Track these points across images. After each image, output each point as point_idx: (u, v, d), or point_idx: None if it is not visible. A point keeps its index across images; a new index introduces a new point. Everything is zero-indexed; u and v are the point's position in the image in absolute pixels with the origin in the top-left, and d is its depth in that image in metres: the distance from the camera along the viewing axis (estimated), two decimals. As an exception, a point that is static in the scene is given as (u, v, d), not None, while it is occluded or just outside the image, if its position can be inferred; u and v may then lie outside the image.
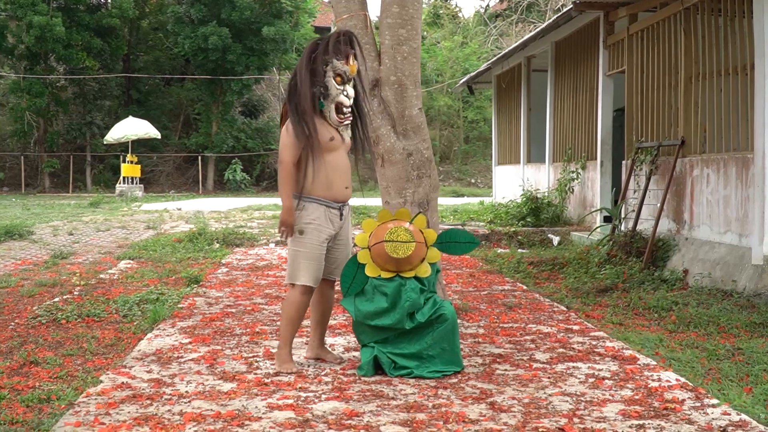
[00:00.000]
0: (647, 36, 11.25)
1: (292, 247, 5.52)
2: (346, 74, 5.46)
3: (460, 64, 39.29)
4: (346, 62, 5.47)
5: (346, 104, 5.49)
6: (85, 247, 13.71)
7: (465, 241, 5.70)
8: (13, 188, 38.05)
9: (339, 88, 5.44)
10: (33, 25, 34.33)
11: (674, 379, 5.22)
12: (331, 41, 5.46)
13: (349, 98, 5.50)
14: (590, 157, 14.03)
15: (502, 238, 13.93)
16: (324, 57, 5.42)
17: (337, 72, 5.43)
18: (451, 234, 5.73)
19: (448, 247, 5.69)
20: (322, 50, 5.44)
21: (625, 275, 9.52)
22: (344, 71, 5.45)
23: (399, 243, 5.34)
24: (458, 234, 5.73)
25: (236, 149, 38.21)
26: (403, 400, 4.80)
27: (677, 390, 4.95)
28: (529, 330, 6.84)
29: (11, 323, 7.42)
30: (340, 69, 5.43)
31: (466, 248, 5.73)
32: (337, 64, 5.42)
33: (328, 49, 5.43)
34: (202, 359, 5.82)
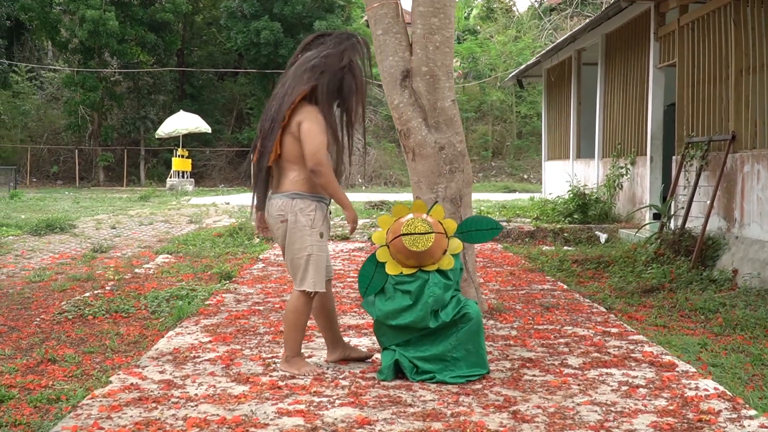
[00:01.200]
0: (698, 27, 10.81)
1: (306, 251, 5.15)
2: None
3: (513, 59, 38.81)
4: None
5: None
6: (125, 241, 13.66)
7: (487, 228, 5.40)
8: (68, 182, 38.50)
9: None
10: (86, 19, 34.66)
11: (712, 387, 4.88)
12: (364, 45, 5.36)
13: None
14: (640, 153, 13.61)
15: (547, 235, 13.57)
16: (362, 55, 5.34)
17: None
18: (472, 222, 5.44)
19: (469, 236, 5.41)
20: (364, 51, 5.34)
21: (672, 275, 9.14)
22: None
23: (417, 235, 5.06)
24: (479, 221, 5.43)
25: (288, 144, 38.14)
26: (421, 407, 4.53)
27: (714, 400, 4.62)
28: (564, 332, 6.52)
29: (37, 318, 7.32)
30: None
31: (488, 235, 5.44)
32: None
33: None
34: (218, 359, 5.61)
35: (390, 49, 6.91)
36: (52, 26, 36.73)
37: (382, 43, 6.95)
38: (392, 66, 6.91)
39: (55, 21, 36.63)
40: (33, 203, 22.77)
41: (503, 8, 44.80)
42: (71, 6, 35.79)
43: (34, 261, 11.27)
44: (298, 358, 5.31)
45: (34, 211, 19.18)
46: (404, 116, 6.81)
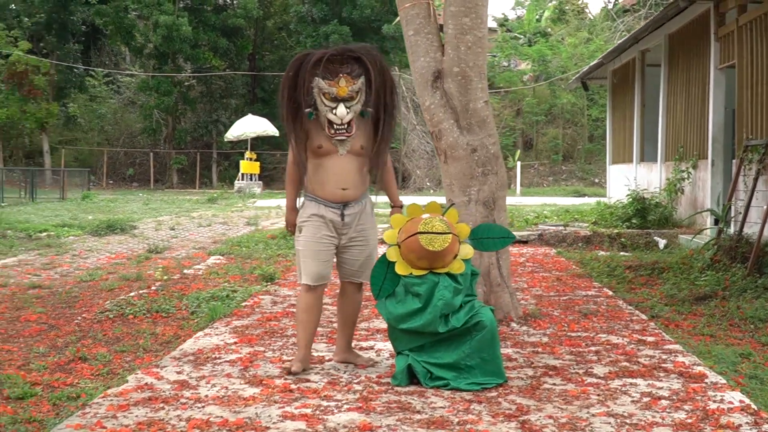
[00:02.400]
0: (756, 27, 10.49)
1: (295, 246, 5.48)
2: (332, 95, 5.19)
3: (584, 61, 38.23)
4: (334, 83, 5.19)
5: (335, 122, 5.23)
6: (181, 242, 13.81)
7: (499, 237, 5.31)
8: (143, 184, 39.22)
9: (328, 105, 5.21)
10: (159, 24, 35.28)
11: (738, 400, 4.67)
12: (313, 58, 5.20)
13: (339, 118, 5.21)
14: (701, 156, 13.27)
15: (604, 240, 13.29)
16: (310, 69, 5.20)
17: (322, 90, 5.19)
18: (484, 229, 5.38)
19: (481, 243, 5.33)
20: (309, 64, 5.19)
21: (726, 282, 8.84)
22: (329, 91, 5.19)
23: (435, 235, 4.96)
24: (492, 229, 5.39)
25: (357, 147, 38.27)
26: (429, 414, 4.43)
27: (737, 413, 4.42)
28: (597, 340, 6.35)
29: (78, 317, 7.41)
30: (325, 88, 5.19)
31: (500, 243, 5.39)
32: (321, 84, 5.19)
33: (314, 66, 5.19)
34: (239, 361, 5.60)
35: (421, 49, 6.83)
36: (126, 31, 37.48)
37: (413, 44, 6.88)
38: (423, 67, 6.83)
39: (129, 26, 37.37)
40: (103, 205, 23.21)
41: (575, 10, 44.23)
42: (145, 12, 36.49)
43: (89, 261, 11.46)
44: (299, 353, 5.39)
45: (102, 213, 19.55)
46: (436, 117, 6.72)
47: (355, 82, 5.22)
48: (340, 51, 5.25)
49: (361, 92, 5.26)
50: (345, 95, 5.19)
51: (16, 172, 32.73)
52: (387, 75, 5.37)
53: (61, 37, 38.34)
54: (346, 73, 5.19)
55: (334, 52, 5.21)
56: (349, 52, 5.25)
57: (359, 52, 5.27)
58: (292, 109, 5.26)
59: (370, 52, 5.33)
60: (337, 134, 5.24)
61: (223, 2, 41.47)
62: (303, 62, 5.22)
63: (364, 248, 5.42)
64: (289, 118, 5.28)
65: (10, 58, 35.54)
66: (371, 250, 5.47)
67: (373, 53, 5.34)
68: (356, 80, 5.22)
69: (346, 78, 5.19)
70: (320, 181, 5.33)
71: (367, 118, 5.37)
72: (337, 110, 5.19)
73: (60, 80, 38.21)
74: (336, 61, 5.20)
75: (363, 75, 5.26)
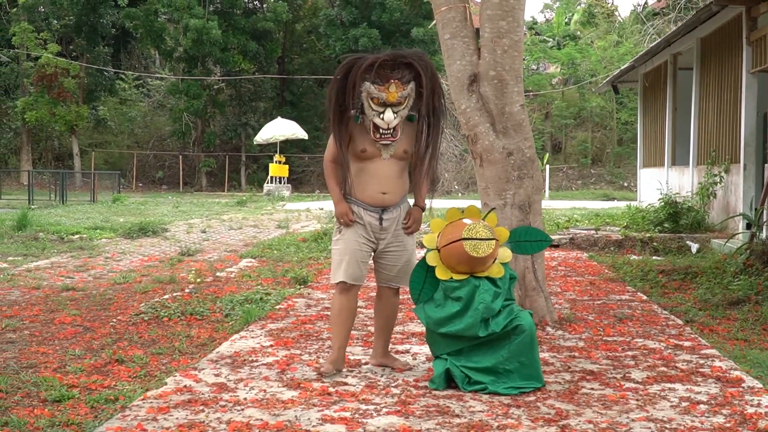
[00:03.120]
0: (791, 30, 10.41)
1: (332, 246, 5.50)
2: (381, 99, 5.15)
3: (614, 64, 38.07)
4: (384, 88, 5.15)
5: (382, 127, 5.20)
6: (213, 245, 13.87)
7: (537, 240, 5.31)
8: (172, 186, 39.46)
9: (375, 110, 5.18)
10: (189, 28, 35.48)
11: (776, 405, 4.65)
12: (365, 63, 5.15)
13: (386, 123, 5.18)
14: (734, 160, 13.17)
15: (635, 244, 13.22)
16: (360, 74, 5.15)
17: (372, 95, 5.16)
18: (522, 232, 5.38)
19: (519, 246, 5.33)
20: (360, 68, 5.15)
21: (759, 286, 8.77)
22: (378, 96, 5.15)
23: (479, 241, 4.95)
24: (529, 232, 5.39)
25: (385, 150, 38.28)
26: (468, 418, 4.43)
27: (776, 418, 4.40)
28: (633, 345, 6.31)
29: (113, 320, 7.45)
30: (374, 93, 5.15)
31: (538, 246, 5.38)
32: (371, 89, 5.15)
33: (365, 70, 5.14)
34: (275, 364, 5.62)
35: (457, 53, 6.83)
36: (157, 35, 37.72)
37: (449, 47, 6.88)
38: (459, 70, 6.83)
39: (159, 30, 37.61)
40: (134, 207, 23.37)
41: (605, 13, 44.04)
42: (175, 15, 36.72)
43: (122, 263, 11.54)
44: (332, 355, 5.42)
45: (133, 215, 19.69)
46: (471, 121, 6.71)
47: (404, 88, 5.18)
48: (392, 56, 5.19)
49: (410, 97, 5.23)
50: (395, 101, 5.15)
51: (45, 174, 33.07)
52: (436, 81, 5.32)
53: (91, 39, 38.64)
54: (396, 79, 5.15)
55: (386, 57, 5.16)
56: (401, 57, 5.19)
57: (411, 57, 5.22)
58: (338, 112, 5.24)
59: (422, 58, 5.28)
60: (383, 138, 5.22)
61: (253, 6, 41.68)
62: (354, 65, 5.19)
63: (402, 253, 5.42)
64: (335, 119, 5.25)
65: (39, 60, 35.90)
66: (409, 255, 5.47)
67: (425, 59, 5.29)
68: (406, 86, 5.19)
69: (397, 84, 5.15)
70: (361, 184, 5.33)
71: (413, 122, 5.35)
72: (385, 115, 5.16)
73: (90, 83, 38.53)
74: (387, 66, 5.15)
75: (413, 80, 5.22)
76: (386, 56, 5.17)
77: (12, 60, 39.61)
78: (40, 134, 40.22)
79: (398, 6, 35.91)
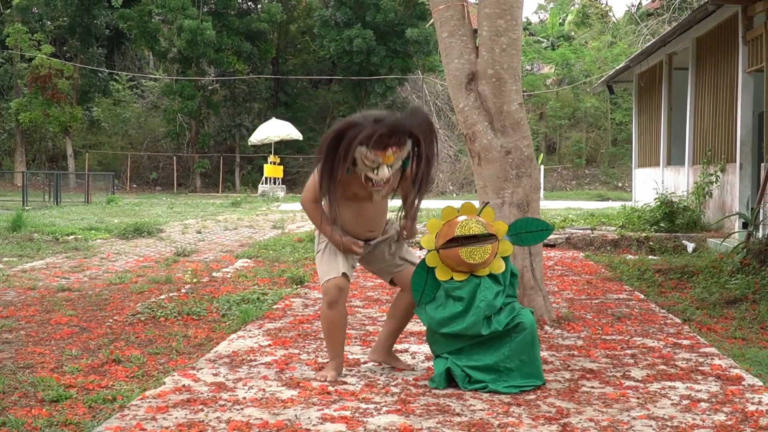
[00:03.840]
0: (786, 30, 10.42)
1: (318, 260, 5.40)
2: (376, 162, 4.89)
3: (608, 65, 38.12)
4: (381, 153, 4.85)
5: (374, 179, 4.97)
6: (208, 246, 13.84)
7: (538, 229, 5.27)
8: (166, 187, 39.40)
9: (369, 166, 4.91)
10: (183, 28, 35.41)
11: (777, 402, 4.64)
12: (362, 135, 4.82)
13: (380, 179, 4.94)
14: (730, 159, 13.18)
15: (632, 243, 13.23)
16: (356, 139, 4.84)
17: (367, 157, 4.87)
18: (522, 224, 5.33)
19: (520, 238, 5.28)
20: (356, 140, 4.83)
21: (756, 285, 8.78)
22: (375, 160, 4.87)
23: (475, 247, 4.93)
24: (529, 222, 5.32)
25: (379, 151, 38.26)
26: (469, 416, 4.41)
27: (777, 416, 4.39)
28: (632, 343, 6.31)
29: (109, 320, 7.42)
30: (371, 157, 4.86)
31: (540, 236, 5.31)
32: (367, 153, 4.84)
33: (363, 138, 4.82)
34: (274, 363, 5.60)
35: (455, 51, 6.81)
36: (151, 36, 37.61)
37: (447, 46, 6.86)
38: (457, 69, 6.81)
39: (153, 30, 37.51)
40: (128, 208, 23.32)
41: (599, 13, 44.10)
42: (169, 16, 36.64)
43: (118, 264, 11.50)
44: (334, 360, 5.31)
45: (127, 216, 19.64)
46: (469, 120, 6.70)
47: (401, 149, 4.94)
48: (391, 128, 4.84)
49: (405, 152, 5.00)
50: (390, 163, 4.93)
51: (39, 175, 32.98)
52: (433, 135, 5.08)
53: (85, 40, 38.52)
54: (394, 145, 4.87)
55: (385, 132, 4.82)
56: (400, 128, 4.88)
57: (411, 126, 4.92)
58: (329, 167, 4.97)
59: (421, 123, 4.98)
60: (375, 187, 5.01)
61: (247, 6, 41.64)
62: (349, 131, 4.88)
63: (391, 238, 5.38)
64: (324, 171, 4.98)
65: (33, 61, 35.80)
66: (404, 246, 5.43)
67: (424, 123, 5.01)
68: (403, 147, 4.93)
69: (394, 149, 4.89)
70: (347, 222, 5.19)
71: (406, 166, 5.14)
72: (379, 171, 4.93)
73: (84, 84, 38.41)
74: (388, 134, 4.84)
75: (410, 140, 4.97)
76: (385, 130, 4.82)
77: (6, 61, 39.51)
78: (34, 135, 40.11)
79: (393, 6, 35.86)
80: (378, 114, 4.95)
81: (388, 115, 4.96)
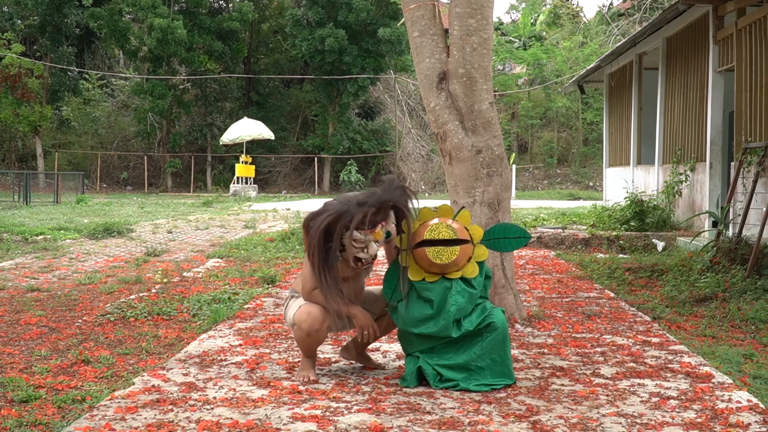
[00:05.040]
0: (755, 30, 10.51)
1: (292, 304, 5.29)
2: (366, 242, 4.93)
3: (579, 65, 38.34)
4: (371, 231, 4.91)
5: (364, 259, 4.99)
6: (179, 245, 13.77)
7: (515, 236, 5.25)
8: (137, 187, 39.18)
9: (357, 247, 4.93)
10: (154, 27, 35.22)
11: (746, 400, 4.67)
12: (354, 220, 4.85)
13: (369, 254, 4.98)
14: (699, 159, 13.29)
15: (602, 242, 13.31)
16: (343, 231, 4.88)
17: (357, 240, 4.90)
18: (499, 229, 5.28)
19: (497, 243, 5.26)
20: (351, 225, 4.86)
21: (726, 284, 8.86)
22: (366, 240, 4.92)
23: (442, 248, 4.93)
24: (508, 229, 5.28)
25: (352, 150, 38.32)
26: (440, 414, 4.42)
27: (745, 413, 4.42)
28: (602, 341, 6.34)
29: (79, 320, 7.36)
30: (361, 238, 4.90)
31: (516, 243, 5.28)
32: (357, 235, 4.88)
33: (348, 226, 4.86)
34: (245, 363, 5.58)
35: (426, 51, 6.82)
36: (121, 34, 37.35)
37: (418, 45, 6.87)
38: (428, 68, 6.82)
39: (124, 29, 37.26)
40: (98, 208, 23.15)
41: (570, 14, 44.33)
42: (140, 14, 36.43)
43: (87, 264, 11.41)
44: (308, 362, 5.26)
45: (97, 216, 19.49)
46: (440, 119, 6.71)
47: (388, 223, 5.02)
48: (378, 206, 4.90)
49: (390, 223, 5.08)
50: (379, 239, 5.00)
51: (9, 175, 32.67)
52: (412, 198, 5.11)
53: (55, 39, 38.19)
54: (382, 221, 4.95)
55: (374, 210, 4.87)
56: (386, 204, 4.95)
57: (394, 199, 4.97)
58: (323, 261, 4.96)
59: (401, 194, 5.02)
60: (364, 265, 5.04)
61: (219, 5, 41.47)
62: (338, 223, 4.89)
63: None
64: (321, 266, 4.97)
65: (3, 60, 35.46)
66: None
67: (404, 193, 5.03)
68: (389, 220, 5.02)
69: (383, 224, 4.97)
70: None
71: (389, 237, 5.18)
72: (369, 249, 4.96)
73: (54, 83, 38.11)
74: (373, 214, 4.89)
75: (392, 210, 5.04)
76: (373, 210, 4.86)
77: (-25, 60, 39.15)
78: (4, 135, 39.74)
79: (365, 6, 35.85)
80: (358, 196, 4.97)
81: (368, 194, 4.96)
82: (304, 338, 5.12)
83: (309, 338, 5.11)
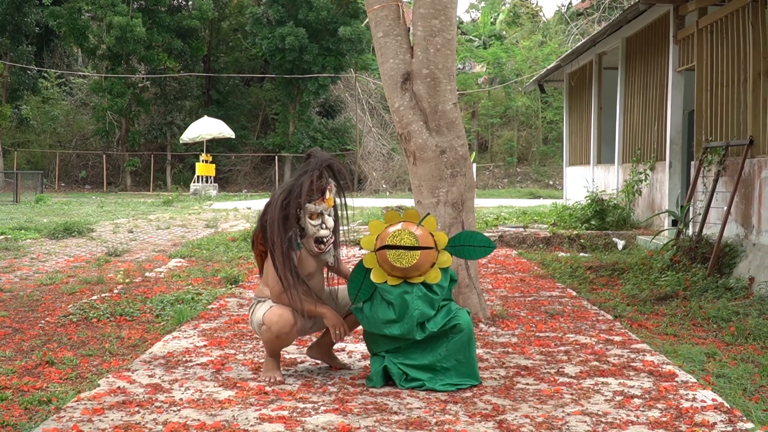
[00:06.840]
0: (716, 30, 10.64)
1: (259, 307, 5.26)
2: (318, 211, 5.09)
3: (539, 64, 38.57)
4: (322, 199, 5.07)
5: (324, 236, 5.12)
6: (140, 245, 13.67)
7: (480, 245, 5.28)
8: (96, 186, 38.80)
9: (315, 224, 5.08)
10: (113, 25, 34.92)
11: (710, 399, 4.74)
12: (304, 187, 5.01)
13: (328, 228, 5.13)
14: (659, 158, 13.43)
15: (563, 241, 13.42)
16: (297, 202, 5.03)
17: (312, 212, 5.06)
18: (464, 237, 5.30)
19: (461, 250, 5.27)
20: (295, 196, 5.02)
21: (687, 282, 8.97)
22: (320, 210, 5.08)
23: (403, 251, 4.95)
24: (473, 237, 5.29)
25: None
26: (406, 414, 4.44)
27: (710, 412, 4.49)
28: (565, 340, 6.41)
29: (42, 321, 7.30)
30: (315, 209, 5.06)
31: (481, 252, 5.30)
32: (311, 207, 5.05)
33: (300, 195, 5.02)
34: (210, 364, 5.57)
35: (390, 51, 6.85)
36: (80, 33, 36.95)
37: (382, 46, 6.89)
38: (392, 69, 6.85)
39: (83, 27, 36.87)
40: (57, 207, 22.90)
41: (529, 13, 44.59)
42: (99, 12, 36.07)
43: (48, 264, 11.30)
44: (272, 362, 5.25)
45: (57, 215, 19.28)
46: (405, 119, 6.73)
47: (332, 187, 5.17)
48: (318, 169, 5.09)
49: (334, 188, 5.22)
50: (332, 205, 5.14)
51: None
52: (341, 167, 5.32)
53: (15, 38, 37.70)
54: (328, 184, 5.10)
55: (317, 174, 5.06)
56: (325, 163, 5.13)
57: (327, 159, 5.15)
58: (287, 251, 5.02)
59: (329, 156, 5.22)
60: (326, 247, 5.15)
61: (178, 3, 41.18)
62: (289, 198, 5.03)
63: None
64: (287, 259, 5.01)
65: (-37, 60, 34.98)
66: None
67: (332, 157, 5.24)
68: (332, 185, 5.16)
69: (329, 187, 5.12)
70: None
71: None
72: (326, 222, 5.10)
73: (13, 82, 37.63)
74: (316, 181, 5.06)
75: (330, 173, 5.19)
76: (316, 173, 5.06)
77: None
78: (-39, 134, 39.21)
79: (325, 5, 35.80)
80: (297, 174, 5.14)
81: (304, 166, 5.15)
82: (272, 340, 5.11)
83: (278, 340, 5.10)
